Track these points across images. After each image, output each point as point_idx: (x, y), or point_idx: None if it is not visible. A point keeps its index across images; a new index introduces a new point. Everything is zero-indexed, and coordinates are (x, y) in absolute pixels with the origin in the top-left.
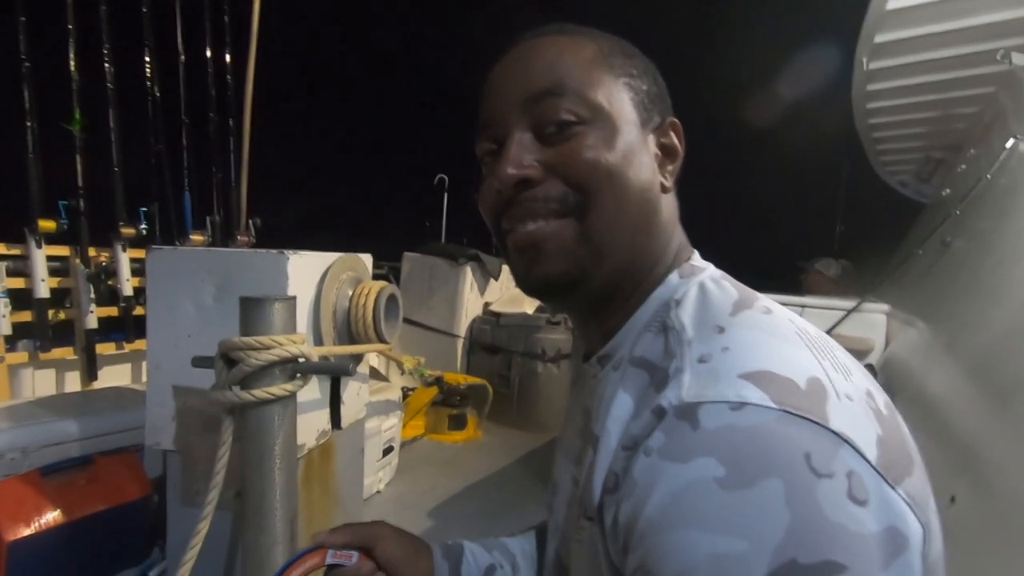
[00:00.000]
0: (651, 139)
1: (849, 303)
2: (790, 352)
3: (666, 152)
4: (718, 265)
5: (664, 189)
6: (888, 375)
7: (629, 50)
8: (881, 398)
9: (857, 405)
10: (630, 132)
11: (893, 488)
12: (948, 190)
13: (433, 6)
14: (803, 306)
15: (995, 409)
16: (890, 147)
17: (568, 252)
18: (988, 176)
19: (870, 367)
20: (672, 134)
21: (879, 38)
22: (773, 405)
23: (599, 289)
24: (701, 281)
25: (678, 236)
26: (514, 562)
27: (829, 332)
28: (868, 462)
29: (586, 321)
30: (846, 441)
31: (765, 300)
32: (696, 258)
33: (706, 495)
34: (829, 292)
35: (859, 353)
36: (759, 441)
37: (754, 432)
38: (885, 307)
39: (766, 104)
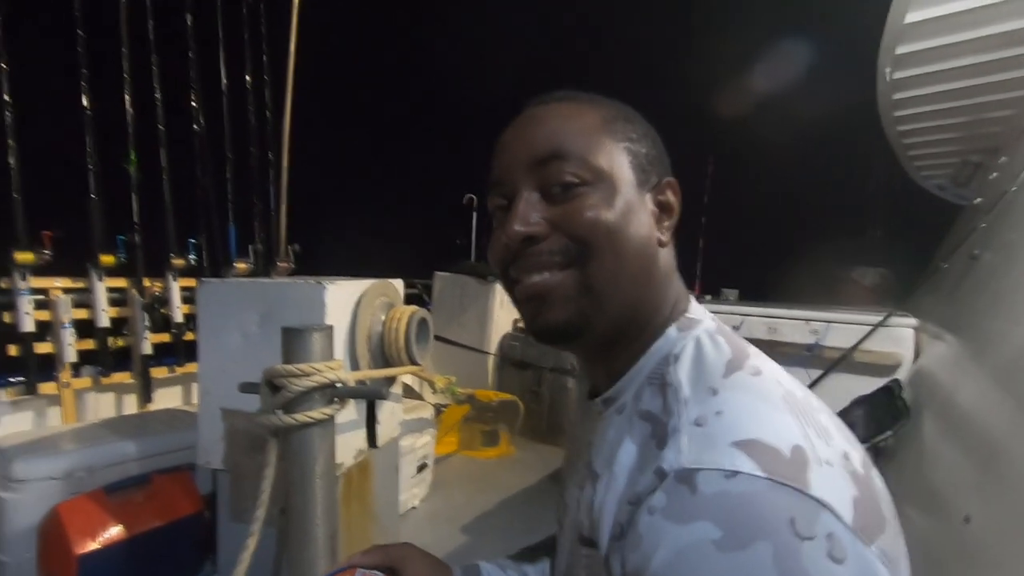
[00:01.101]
0: (648, 198)
1: (876, 317)
2: (777, 419)
3: (663, 209)
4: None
5: (661, 244)
6: (916, 390)
7: (630, 115)
8: (858, 457)
9: (836, 469)
10: (629, 192)
11: (867, 547)
12: (980, 199)
13: (462, 34)
14: (828, 321)
15: (1022, 424)
16: (923, 152)
17: (571, 301)
18: (1014, 188)
19: (896, 382)
20: (669, 192)
21: (900, 50)
22: (762, 474)
23: (602, 335)
24: (697, 336)
25: (676, 286)
26: None
27: (854, 348)
28: (845, 524)
29: (593, 363)
30: (825, 506)
31: (755, 357)
32: (693, 308)
33: (705, 556)
34: (865, 301)
35: (886, 368)
36: (750, 507)
37: (746, 499)
38: (913, 321)
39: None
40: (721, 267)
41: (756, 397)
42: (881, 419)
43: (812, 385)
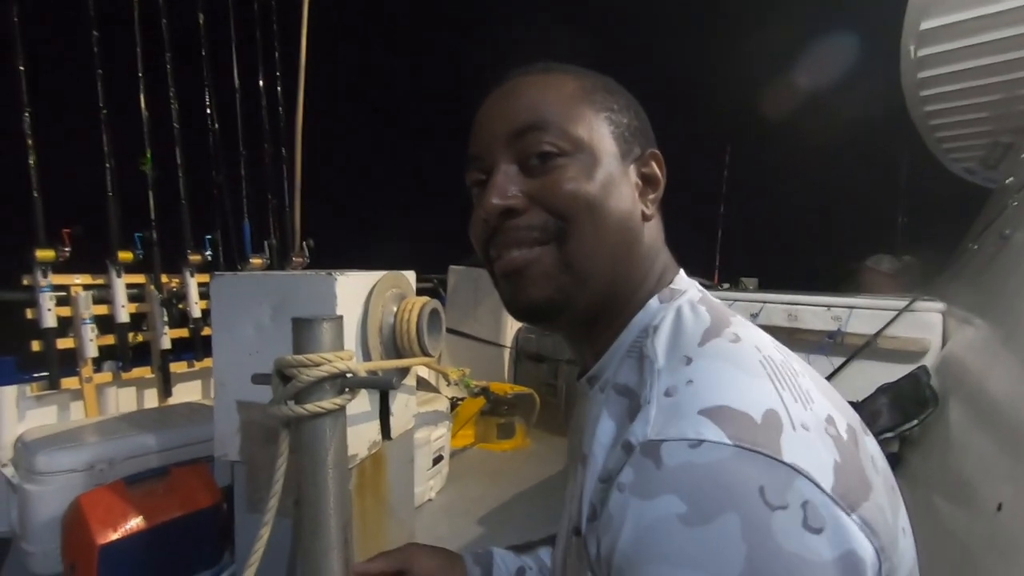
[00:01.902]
0: (632, 170)
1: (900, 303)
2: (749, 384)
3: (647, 182)
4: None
5: (645, 217)
6: (944, 376)
7: (611, 87)
8: (844, 422)
9: (813, 433)
10: (610, 164)
11: (848, 514)
12: (1012, 178)
13: (474, 27)
14: (851, 307)
15: None
16: (951, 134)
17: (551, 278)
18: None
19: (923, 369)
20: (653, 164)
21: (925, 25)
22: (728, 442)
23: (583, 313)
24: (679, 306)
25: (662, 259)
26: (542, 565)
27: (878, 334)
28: (823, 490)
29: (578, 342)
30: (799, 472)
31: (737, 325)
32: (679, 279)
33: (670, 531)
34: (886, 289)
35: (913, 355)
36: (716, 478)
37: (711, 469)
38: (941, 305)
39: (814, 96)
40: (740, 256)
41: (731, 363)
42: (907, 407)
43: (835, 373)
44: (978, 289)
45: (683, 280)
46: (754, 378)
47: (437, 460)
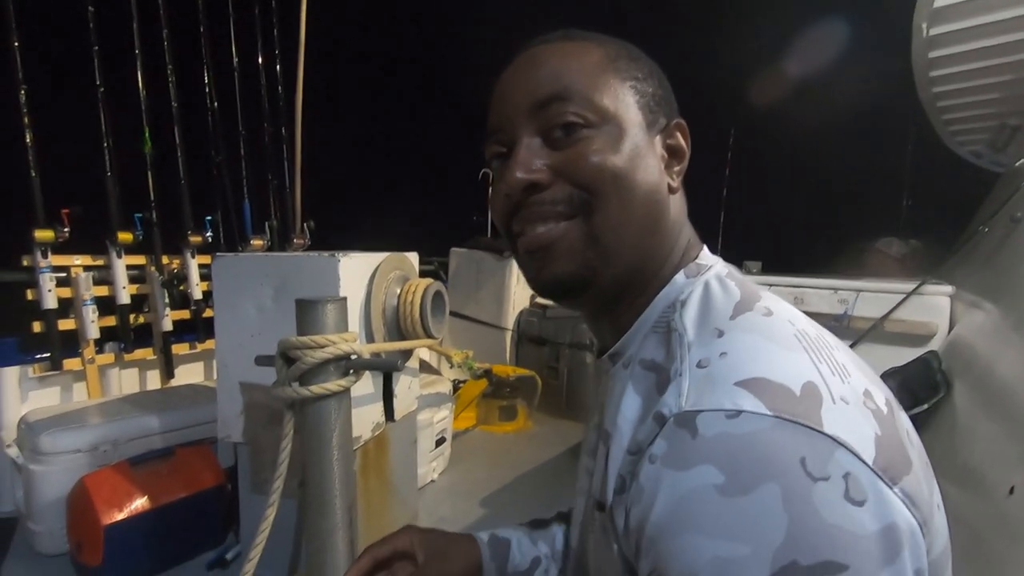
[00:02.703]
0: (658, 141)
1: (908, 286)
2: (786, 357)
3: (672, 153)
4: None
5: (671, 190)
6: (952, 360)
7: (634, 53)
8: (881, 396)
9: (853, 407)
10: (636, 135)
11: (890, 487)
12: (1022, 160)
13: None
14: (859, 290)
15: None
16: (959, 116)
17: (577, 253)
18: None
19: (934, 354)
20: (678, 135)
21: (939, 2)
22: (768, 412)
23: (609, 289)
24: (706, 280)
25: (686, 234)
26: (555, 551)
27: (885, 317)
28: (865, 463)
29: (598, 319)
30: (841, 444)
31: (768, 299)
32: (704, 255)
33: (707, 502)
34: (893, 273)
35: (920, 338)
36: (755, 448)
37: (750, 439)
38: (949, 289)
39: (820, 77)
40: (744, 240)
41: (765, 337)
42: (916, 391)
43: None
44: (988, 273)
45: (708, 255)
46: (790, 351)
47: (440, 442)
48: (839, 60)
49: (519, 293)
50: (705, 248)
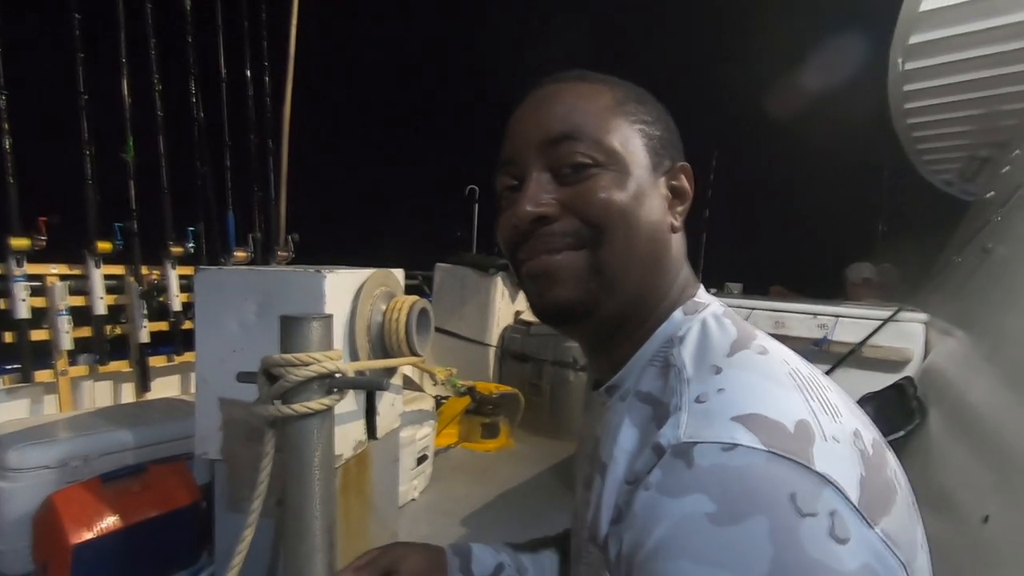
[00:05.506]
0: (662, 182)
1: (885, 312)
2: (781, 395)
3: (676, 194)
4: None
5: (673, 229)
6: (926, 387)
7: (643, 97)
8: (869, 436)
9: (843, 446)
10: (641, 175)
11: (871, 527)
12: (992, 192)
13: (463, 23)
14: (837, 316)
15: None
16: (932, 146)
17: (580, 281)
18: None
19: (909, 380)
20: (682, 177)
21: (914, 39)
22: (762, 447)
23: (609, 320)
24: (703, 318)
25: (685, 272)
26: (520, 565)
27: (863, 343)
28: (850, 502)
29: (595, 351)
30: (830, 482)
31: (762, 338)
32: (701, 294)
33: (698, 529)
34: (868, 297)
35: (895, 364)
36: (748, 481)
37: (743, 472)
38: (924, 316)
39: (801, 104)
40: (725, 261)
41: (760, 374)
42: (892, 417)
43: None
44: (960, 301)
45: (704, 294)
46: (784, 389)
47: (421, 460)
48: (820, 89)
49: (503, 309)
50: (702, 287)
